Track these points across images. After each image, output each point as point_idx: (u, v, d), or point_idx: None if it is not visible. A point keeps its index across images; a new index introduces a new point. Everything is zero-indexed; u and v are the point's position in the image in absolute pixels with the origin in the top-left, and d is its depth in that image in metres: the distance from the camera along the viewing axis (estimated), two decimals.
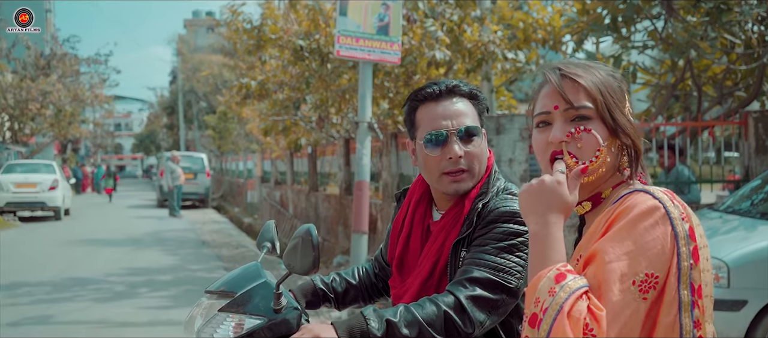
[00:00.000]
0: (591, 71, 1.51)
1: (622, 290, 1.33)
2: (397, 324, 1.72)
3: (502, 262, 1.82)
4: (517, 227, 1.86)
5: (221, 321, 1.83)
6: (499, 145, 7.18)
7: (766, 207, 6.52)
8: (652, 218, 1.36)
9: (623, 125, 1.47)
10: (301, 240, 1.82)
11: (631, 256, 1.35)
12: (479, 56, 8.83)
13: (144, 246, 13.74)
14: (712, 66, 9.13)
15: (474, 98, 2.03)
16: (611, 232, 1.38)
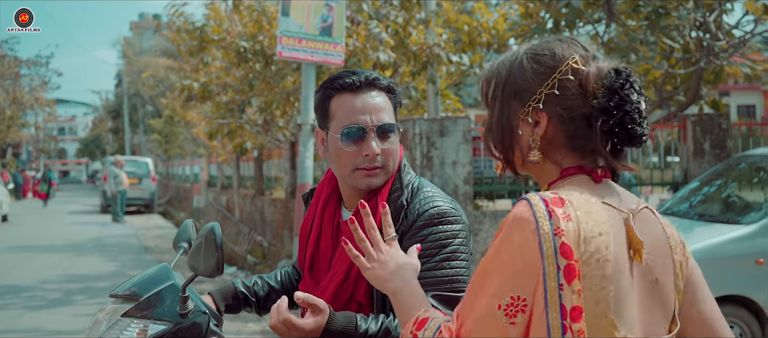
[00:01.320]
0: (496, 63, 1.46)
1: (486, 316, 1.25)
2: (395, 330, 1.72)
3: (451, 274, 1.76)
4: (451, 228, 1.80)
5: (124, 327, 1.73)
6: (443, 147, 7.17)
7: (704, 209, 6.65)
8: (520, 233, 1.25)
9: (509, 123, 1.40)
10: (205, 240, 1.73)
11: (499, 275, 1.25)
12: (424, 59, 8.82)
13: (84, 253, 13.37)
14: (652, 70, 9.29)
15: (391, 92, 1.96)
16: (491, 248, 1.30)
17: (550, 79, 1.35)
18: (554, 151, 1.38)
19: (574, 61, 1.35)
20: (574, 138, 1.35)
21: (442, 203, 1.83)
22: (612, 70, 1.36)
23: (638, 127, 1.33)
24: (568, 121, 1.34)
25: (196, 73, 12.30)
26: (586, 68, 1.35)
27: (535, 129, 1.36)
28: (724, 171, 7.05)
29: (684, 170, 8.14)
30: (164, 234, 17.26)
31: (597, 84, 1.33)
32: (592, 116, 1.33)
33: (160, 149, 35.60)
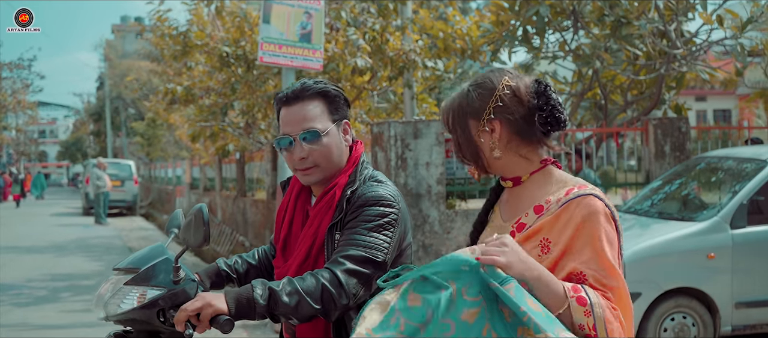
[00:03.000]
0: (450, 99, 1.98)
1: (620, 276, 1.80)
2: (279, 292, 1.95)
3: (371, 240, 2.06)
4: (383, 208, 2.10)
5: (126, 294, 2.05)
6: (417, 149, 7.51)
7: (663, 207, 7.04)
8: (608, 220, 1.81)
9: (468, 137, 1.92)
10: (194, 218, 2.05)
11: (613, 250, 1.79)
12: (401, 64, 9.15)
13: (68, 253, 13.57)
14: (618, 76, 9.70)
15: (325, 96, 2.23)
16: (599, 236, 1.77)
17: (493, 96, 1.87)
18: (514, 147, 1.89)
19: (506, 81, 1.89)
20: (522, 133, 1.87)
21: (381, 190, 2.14)
22: (533, 81, 1.91)
23: (561, 114, 1.88)
24: (514, 122, 1.87)
25: (179, 76, 12.55)
26: (516, 83, 1.89)
27: (493, 134, 1.88)
28: (683, 171, 7.45)
29: (646, 171, 8.55)
30: (147, 236, 17.47)
31: (526, 92, 1.88)
32: (529, 115, 1.86)
33: (142, 152, 35.66)
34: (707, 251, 6.07)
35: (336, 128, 2.22)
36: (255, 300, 1.95)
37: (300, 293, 1.96)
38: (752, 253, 6.15)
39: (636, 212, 7.01)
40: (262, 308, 1.95)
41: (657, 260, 6.08)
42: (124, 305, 2.03)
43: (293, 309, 1.96)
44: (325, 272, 2.01)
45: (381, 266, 2.05)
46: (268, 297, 1.95)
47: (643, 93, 9.84)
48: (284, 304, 1.95)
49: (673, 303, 6.03)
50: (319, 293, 1.98)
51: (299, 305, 1.96)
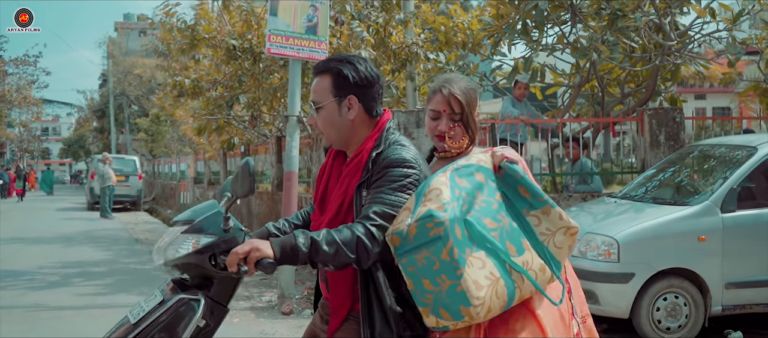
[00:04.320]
0: (463, 89, 2.57)
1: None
2: (320, 241, 2.22)
3: (396, 199, 2.32)
4: (405, 170, 2.35)
5: (182, 242, 2.33)
6: (419, 137, 7.75)
7: (657, 193, 7.28)
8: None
9: (473, 121, 2.58)
10: (241, 171, 2.35)
11: None
12: (403, 57, 9.39)
13: (76, 243, 13.83)
14: (615, 68, 9.95)
15: (333, 73, 2.48)
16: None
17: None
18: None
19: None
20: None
21: (404, 153, 2.39)
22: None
23: None
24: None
25: (185, 71, 12.80)
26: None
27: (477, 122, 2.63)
28: (677, 159, 7.69)
29: (641, 160, 8.80)
30: (153, 228, 17.71)
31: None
32: None
33: (145, 149, 35.91)
34: (698, 233, 6.29)
35: (336, 103, 2.46)
36: (298, 247, 2.22)
37: (338, 243, 2.22)
38: (742, 236, 6.36)
39: (631, 198, 7.24)
40: (304, 255, 2.22)
41: (650, 242, 6.31)
42: (181, 250, 2.31)
43: (331, 257, 2.23)
44: (359, 226, 2.26)
45: None
46: (310, 246, 2.22)
47: (639, 85, 10.08)
48: (324, 252, 2.22)
49: (665, 284, 6.26)
50: (354, 244, 2.24)
51: (337, 254, 2.22)
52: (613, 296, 6.23)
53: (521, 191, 2.35)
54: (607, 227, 6.52)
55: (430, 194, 2.25)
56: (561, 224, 2.34)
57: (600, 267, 6.28)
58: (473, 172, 2.33)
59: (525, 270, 2.26)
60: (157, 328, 2.31)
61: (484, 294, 2.20)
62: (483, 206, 2.28)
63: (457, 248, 2.19)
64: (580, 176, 8.57)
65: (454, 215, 2.21)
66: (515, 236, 2.29)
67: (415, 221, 2.21)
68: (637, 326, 6.24)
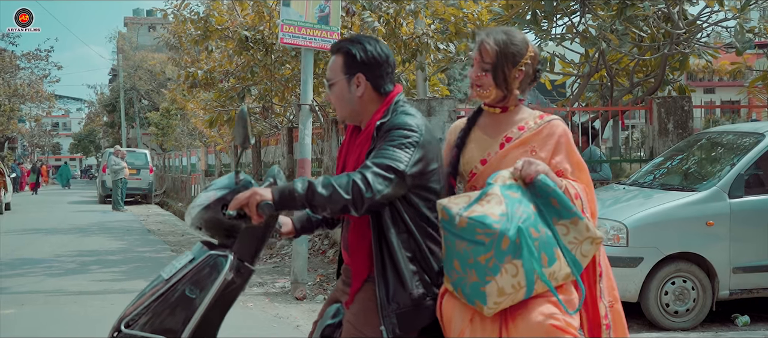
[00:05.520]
0: (498, 40, 2.64)
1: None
2: (315, 183, 2.34)
3: (393, 153, 2.43)
4: (405, 131, 2.47)
5: (201, 199, 2.54)
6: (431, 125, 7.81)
7: (665, 180, 7.35)
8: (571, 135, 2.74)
9: (507, 74, 2.64)
10: (238, 118, 2.57)
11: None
12: (414, 48, 9.49)
13: (91, 234, 14.00)
14: (623, 58, 10.02)
15: (344, 53, 2.65)
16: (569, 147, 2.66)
17: (526, 55, 2.66)
18: (518, 89, 2.68)
19: (531, 48, 2.68)
20: (525, 83, 2.70)
21: (407, 119, 2.53)
22: (538, 52, 2.74)
23: (539, 78, 2.76)
24: (527, 75, 2.67)
25: (197, 64, 12.93)
26: (535, 50, 2.71)
27: (517, 79, 2.66)
28: (685, 147, 7.76)
29: (650, 148, 8.88)
30: (165, 220, 17.88)
31: (537, 59, 2.71)
32: (535, 74, 2.71)
33: (155, 142, 36.10)
34: (706, 218, 6.36)
35: (346, 80, 2.62)
36: (295, 190, 2.33)
37: (333, 185, 2.33)
38: (749, 221, 6.41)
39: (640, 185, 7.32)
40: (301, 197, 2.33)
41: (659, 227, 6.38)
42: (199, 206, 2.51)
43: (327, 198, 2.32)
44: (356, 172, 2.39)
45: (400, 174, 2.41)
46: (307, 188, 2.33)
47: (648, 75, 10.15)
48: (320, 195, 2.32)
49: (673, 268, 6.33)
50: (348, 186, 2.34)
51: (332, 195, 2.32)
52: (621, 280, 6.21)
53: (552, 201, 2.45)
54: (616, 212, 6.60)
55: (491, 198, 2.38)
56: (588, 234, 2.44)
57: (609, 252, 6.24)
58: (508, 191, 2.43)
59: (550, 284, 2.38)
60: (187, 282, 2.48)
61: (502, 300, 2.36)
62: (526, 217, 2.39)
63: (496, 259, 2.32)
64: (589, 165, 8.69)
65: (506, 228, 2.32)
66: (550, 246, 2.40)
67: (467, 217, 2.33)
68: (645, 310, 6.32)
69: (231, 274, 2.48)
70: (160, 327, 2.45)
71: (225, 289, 2.49)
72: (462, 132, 2.76)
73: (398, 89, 2.68)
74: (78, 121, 76.42)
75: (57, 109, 44.38)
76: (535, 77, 2.72)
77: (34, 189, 31.80)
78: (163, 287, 2.50)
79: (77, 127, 76.48)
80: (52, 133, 66.12)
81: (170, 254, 10.49)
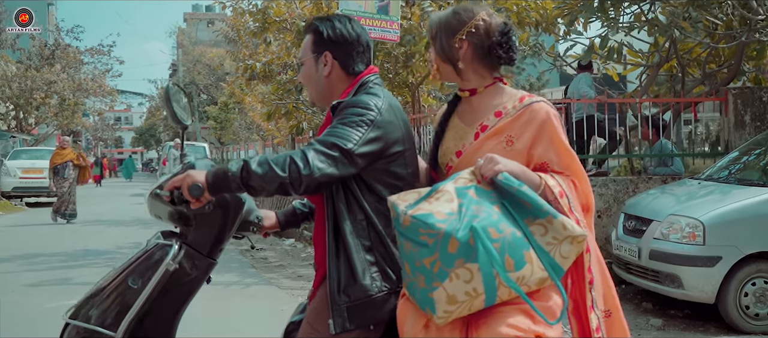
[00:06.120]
0: (442, 15, 2.45)
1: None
2: (250, 161, 2.20)
3: (342, 131, 2.27)
4: (359, 109, 2.31)
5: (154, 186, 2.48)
6: None
7: (743, 175, 6.97)
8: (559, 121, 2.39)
9: (444, 46, 2.41)
10: (163, 98, 2.58)
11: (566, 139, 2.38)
12: None
13: (152, 226, 14.00)
14: (695, 48, 9.58)
15: (308, 30, 2.54)
16: (553, 133, 2.33)
17: (469, 24, 2.37)
18: (474, 66, 2.39)
19: (482, 16, 2.40)
20: (482, 58, 2.38)
21: (364, 97, 2.36)
22: (502, 23, 2.41)
23: (514, 54, 2.41)
24: (479, 47, 2.37)
25: (255, 56, 12.94)
26: (489, 20, 2.40)
27: (460, 51, 2.38)
28: (763, 140, 7.35)
29: (725, 141, 8.46)
30: None
31: (494, 30, 2.38)
32: (491, 46, 2.37)
33: (213, 136, 36.59)
34: None
35: (313, 59, 2.50)
36: (229, 170, 2.21)
37: (268, 162, 2.19)
38: None
39: (715, 180, 6.97)
40: (235, 177, 2.19)
41: (738, 224, 6.05)
42: (149, 191, 2.45)
43: (262, 176, 2.18)
44: (297, 150, 2.23)
45: (346, 152, 2.24)
46: (241, 168, 2.19)
47: (721, 65, 9.69)
48: (255, 173, 2.17)
49: (754, 268, 6.00)
50: (284, 163, 2.19)
51: (267, 173, 2.17)
52: (697, 280, 6.00)
53: (522, 201, 2.17)
54: (692, 208, 6.29)
55: (442, 194, 2.15)
56: (566, 234, 2.15)
57: (684, 250, 6.06)
58: (466, 191, 2.18)
59: (518, 288, 2.10)
60: (131, 272, 2.44)
61: (454, 309, 2.10)
62: (485, 216, 2.11)
63: (442, 263, 2.07)
64: (659, 158, 8.28)
65: (452, 228, 2.07)
66: (517, 248, 2.11)
67: (411, 216, 2.10)
68: (723, 312, 6.00)
69: (174, 264, 2.40)
70: (102, 318, 2.40)
71: (178, 280, 2.43)
72: (442, 119, 2.51)
73: (371, 70, 2.52)
74: (139, 115, 78.18)
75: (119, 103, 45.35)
76: (494, 51, 2.38)
77: (98, 181, 32.62)
78: (111, 277, 2.46)
79: (139, 121, 78.24)
80: (115, 127, 67.75)
81: (227, 246, 10.50)
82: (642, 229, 6.51)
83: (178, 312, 2.52)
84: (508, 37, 2.38)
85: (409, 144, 2.42)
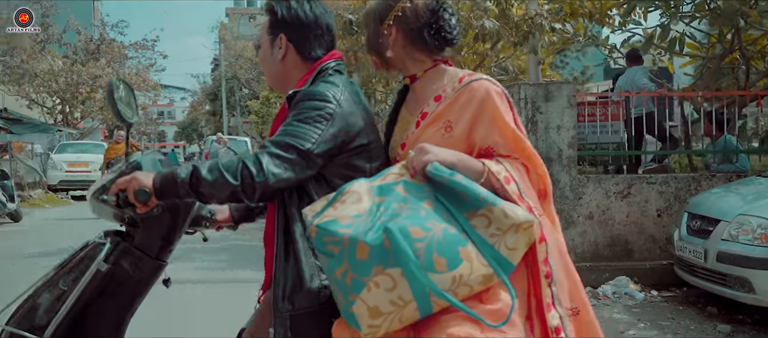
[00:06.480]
0: (372, 5, 2.31)
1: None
2: (200, 168, 2.05)
3: (298, 130, 2.08)
4: (316, 102, 2.12)
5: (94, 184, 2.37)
6: (548, 112, 7.30)
7: None
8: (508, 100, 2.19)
9: (371, 35, 2.28)
10: (107, 95, 2.42)
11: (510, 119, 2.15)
12: (526, 29, 8.93)
13: None
14: (759, 40, 9.12)
15: (270, 12, 2.35)
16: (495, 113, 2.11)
17: (396, 7, 2.20)
18: (408, 51, 2.23)
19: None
20: (415, 42, 2.21)
21: (321, 88, 2.17)
22: (432, 2, 2.23)
23: (448, 34, 2.22)
24: (408, 32, 2.20)
25: None
26: (416, 0, 2.22)
27: (390, 37, 2.22)
28: None
29: None
30: None
31: (423, 10, 2.21)
32: (421, 29, 2.19)
33: (255, 130, 36.70)
34: None
35: (269, 41, 2.34)
36: (178, 176, 2.06)
37: (219, 169, 2.03)
38: None
39: None
40: (183, 183, 2.05)
41: None
42: (89, 191, 2.32)
43: (212, 184, 2.03)
44: (250, 155, 2.08)
45: (304, 154, 2.07)
46: (190, 174, 2.05)
47: None
48: (205, 180, 2.03)
49: None
50: (236, 169, 2.03)
51: (217, 180, 2.02)
52: None
53: (460, 193, 1.95)
54: (763, 208, 5.92)
55: (348, 196, 1.95)
56: (508, 222, 1.92)
57: (755, 253, 5.71)
58: (393, 187, 1.98)
59: (447, 295, 1.86)
60: (64, 271, 2.35)
61: (381, 322, 1.88)
62: (409, 214, 1.90)
63: (354, 272, 1.86)
64: (723, 155, 7.88)
65: (359, 232, 1.86)
66: (449, 245, 1.88)
67: (315, 226, 1.91)
68: None
69: (106, 265, 2.30)
70: (31, 321, 2.30)
71: (122, 281, 2.34)
72: (391, 110, 2.36)
73: (332, 55, 2.32)
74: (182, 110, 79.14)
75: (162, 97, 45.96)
76: (424, 33, 2.20)
77: None
78: (46, 278, 2.36)
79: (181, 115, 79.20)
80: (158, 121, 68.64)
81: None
82: (708, 229, 6.17)
83: (124, 314, 2.44)
84: (439, 16, 2.21)
85: (373, 136, 2.24)
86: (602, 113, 8.07)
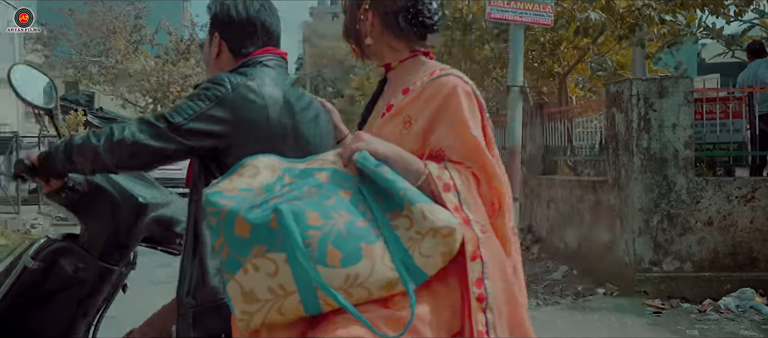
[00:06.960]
0: None
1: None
2: (74, 138, 2.12)
3: (180, 105, 2.08)
4: (209, 84, 2.11)
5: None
6: (662, 109, 6.77)
7: None
8: (475, 99, 1.94)
9: (349, 23, 2.09)
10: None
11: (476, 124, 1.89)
12: (631, 21, 8.40)
13: None
14: None
15: (210, 10, 2.35)
16: (457, 114, 1.87)
17: None
18: (386, 39, 2.01)
19: None
20: (391, 28, 1.99)
21: (225, 74, 2.15)
22: None
23: (429, 20, 1.99)
24: (385, 16, 1.99)
25: None
26: None
27: (366, 23, 2.02)
28: None
29: None
30: None
31: None
32: (397, 12, 1.97)
33: None
34: None
35: (208, 40, 2.34)
36: (57, 147, 2.13)
37: (90, 134, 2.09)
38: None
39: None
40: (60, 154, 2.12)
41: None
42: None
43: (79, 147, 2.08)
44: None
45: (173, 126, 2.05)
46: (66, 141, 2.13)
47: None
48: (74, 145, 2.10)
49: None
50: (102, 133, 2.08)
51: (84, 142, 2.08)
52: None
53: (385, 188, 1.76)
54: None
55: (246, 169, 1.81)
56: (426, 224, 1.70)
57: None
58: (314, 172, 1.82)
59: (336, 294, 1.65)
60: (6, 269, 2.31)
61: (257, 309, 1.68)
62: (314, 199, 1.72)
63: (230, 248, 1.68)
64: None
65: (241, 207, 1.69)
66: (351, 239, 1.68)
67: (205, 195, 1.77)
68: None
69: (34, 262, 2.24)
70: None
71: (64, 282, 2.28)
72: (369, 101, 2.17)
73: (266, 50, 2.28)
74: None
75: None
76: (400, 15, 1.98)
77: None
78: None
79: None
80: None
81: None
82: None
83: (74, 318, 2.36)
84: (416, 0, 2.00)
85: (292, 141, 2.13)
86: (722, 110, 7.46)
